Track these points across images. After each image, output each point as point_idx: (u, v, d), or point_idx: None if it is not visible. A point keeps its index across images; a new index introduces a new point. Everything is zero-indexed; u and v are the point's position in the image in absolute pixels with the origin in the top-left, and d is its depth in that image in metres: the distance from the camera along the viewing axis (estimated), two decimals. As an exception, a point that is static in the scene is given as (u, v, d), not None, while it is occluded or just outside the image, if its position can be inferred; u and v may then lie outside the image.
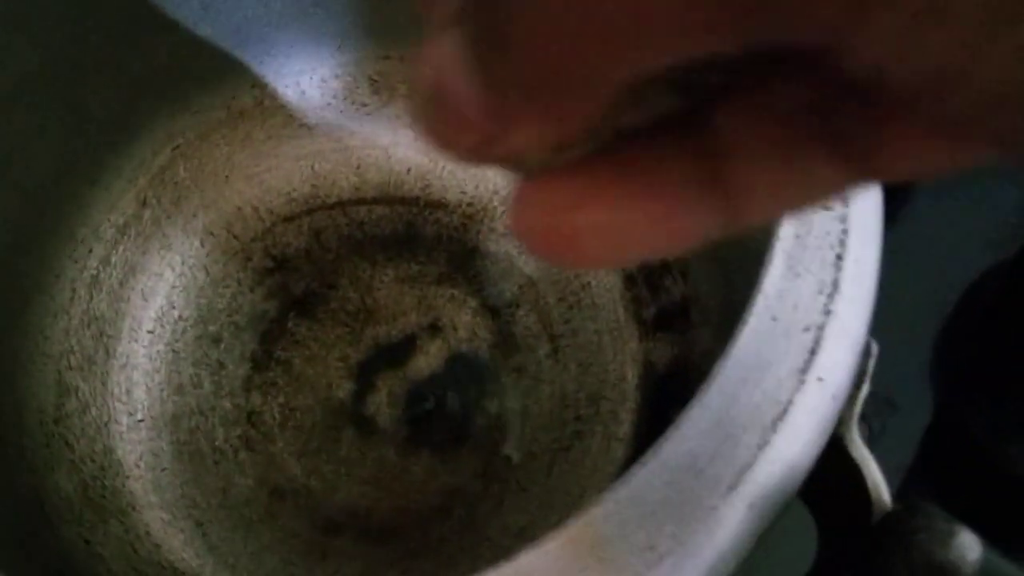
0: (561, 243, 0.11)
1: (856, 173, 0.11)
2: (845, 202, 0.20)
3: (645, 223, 0.11)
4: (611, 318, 0.35)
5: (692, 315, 0.34)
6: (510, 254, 0.36)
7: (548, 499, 0.33)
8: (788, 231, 0.20)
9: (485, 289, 0.36)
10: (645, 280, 0.35)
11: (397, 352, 0.35)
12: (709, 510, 0.17)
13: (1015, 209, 0.46)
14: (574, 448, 0.34)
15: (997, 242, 0.45)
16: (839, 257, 0.19)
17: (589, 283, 0.36)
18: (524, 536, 0.31)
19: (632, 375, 0.34)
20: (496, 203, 0.37)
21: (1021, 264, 0.44)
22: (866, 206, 0.20)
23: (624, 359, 0.34)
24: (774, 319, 0.19)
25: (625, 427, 0.34)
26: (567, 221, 0.11)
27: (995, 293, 0.45)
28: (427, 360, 0.35)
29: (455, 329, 0.36)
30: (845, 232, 0.20)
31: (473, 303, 0.36)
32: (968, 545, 0.15)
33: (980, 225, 0.46)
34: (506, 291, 0.36)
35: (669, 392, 0.34)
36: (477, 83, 0.10)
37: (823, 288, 0.19)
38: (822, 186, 0.11)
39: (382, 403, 0.34)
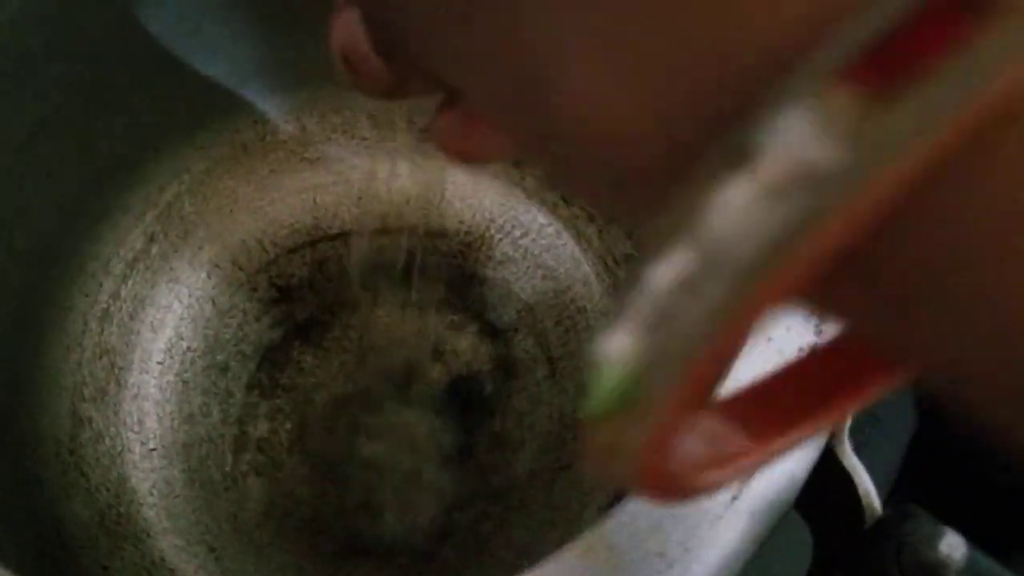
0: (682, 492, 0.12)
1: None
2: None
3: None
4: (607, 340, 0.36)
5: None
6: (507, 280, 0.38)
7: (550, 516, 0.34)
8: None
9: (484, 315, 0.37)
10: (638, 303, 0.36)
11: (400, 377, 0.36)
12: (714, 519, 0.19)
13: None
14: (574, 466, 0.35)
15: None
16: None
17: (585, 307, 0.37)
18: (528, 553, 0.32)
19: (628, 395, 0.35)
20: (493, 231, 0.38)
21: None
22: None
23: (620, 379, 0.36)
24: (769, 340, 0.20)
25: (623, 445, 0.35)
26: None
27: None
28: (429, 384, 0.36)
29: (456, 354, 0.37)
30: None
31: (473, 328, 0.37)
32: (954, 545, 0.17)
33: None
34: (504, 316, 0.37)
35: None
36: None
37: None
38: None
39: (386, 428, 0.36)
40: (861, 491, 0.20)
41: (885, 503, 0.20)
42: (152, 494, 0.34)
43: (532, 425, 0.36)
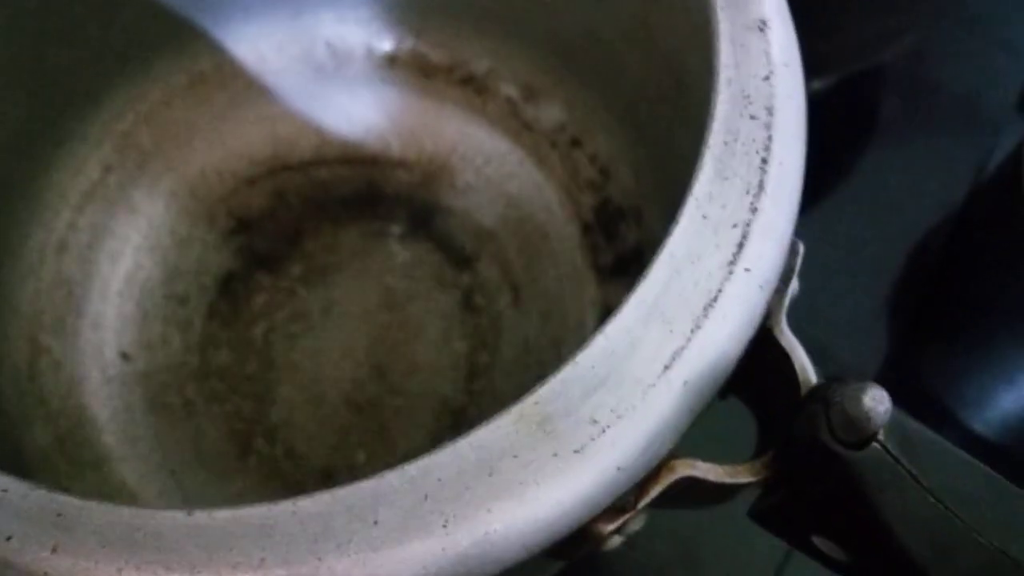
0: None
1: None
2: (770, 111, 0.21)
3: None
4: (570, 266, 0.36)
5: (647, 259, 0.35)
6: (470, 209, 0.38)
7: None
8: (717, 139, 0.21)
9: (447, 244, 0.37)
10: (601, 227, 0.36)
11: (362, 307, 0.36)
12: (647, 387, 0.18)
13: (967, 169, 0.48)
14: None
15: (948, 201, 0.47)
16: (764, 161, 0.21)
17: (548, 233, 0.37)
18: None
19: (591, 320, 0.35)
20: (454, 160, 0.38)
21: (966, 221, 0.46)
22: (789, 113, 0.21)
23: (583, 305, 0.36)
24: (704, 217, 0.20)
25: (584, 367, 0.35)
26: None
27: (942, 250, 0.46)
28: (393, 310, 0.36)
29: (417, 283, 0.37)
30: (770, 138, 0.21)
31: (435, 258, 0.37)
32: (878, 398, 0.17)
33: (932, 182, 0.47)
34: (467, 245, 0.37)
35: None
36: None
37: (750, 188, 0.20)
38: None
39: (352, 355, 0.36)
40: (797, 366, 0.20)
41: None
42: (112, 421, 0.33)
43: (496, 353, 0.36)
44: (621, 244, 0.36)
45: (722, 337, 0.19)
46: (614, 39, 0.33)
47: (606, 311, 0.36)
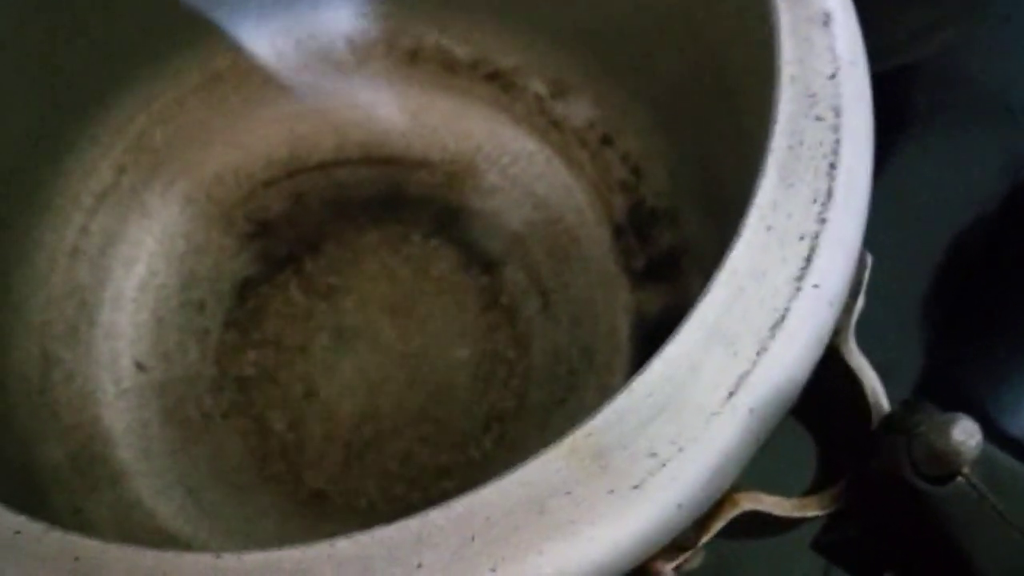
0: None
1: None
2: (837, 111, 0.20)
3: None
4: (601, 270, 0.35)
5: (683, 263, 0.34)
6: (496, 211, 0.36)
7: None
8: (780, 142, 0.19)
9: (472, 247, 0.36)
10: (634, 230, 0.35)
11: (384, 314, 0.35)
12: (709, 416, 0.17)
13: (1001, 167, 0.46)
14: (568, 401, 0.33)
15: (982, 200, 0.45)
16: (832, 166, 0.19)
17: (578, 236, 0.35)
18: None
19: (624, 326, 0.34)
20: (479, 160, 0.36)
21: (1004, 221, 0.44)
22: (858, 114, 0.20)
23: (616, 310, 0.34)
24: (769, 229, 0.19)
25: (619, 378, 0.33)
26: None
27: (978, 250, 0.45)
28: (417, 319, 0.35)
29: (441, 288, 0.35)
30: (838, 142, 0.19)
31: (460, 262, 0.36)
32: (968, 431, 0.15)
33: (964, 180, 0.46)
34: (493, 248, 0.36)
35: (662, 341, 0.33)
36: None
37: (817, 197, 0.19)
38: None
39: (372, 366, 0.34)
40: (868, 390, 0.19)
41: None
42: (127, 435, 0.32)
43: (525, 360, 0.34)
44: (655, 247, 0.34)
45: (789, 359, 0.18)
46: (648, 32, 0.32)
47: (639, 316, 0.34)
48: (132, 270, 0.34)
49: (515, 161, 0.36)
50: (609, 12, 0.33)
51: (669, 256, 0.34)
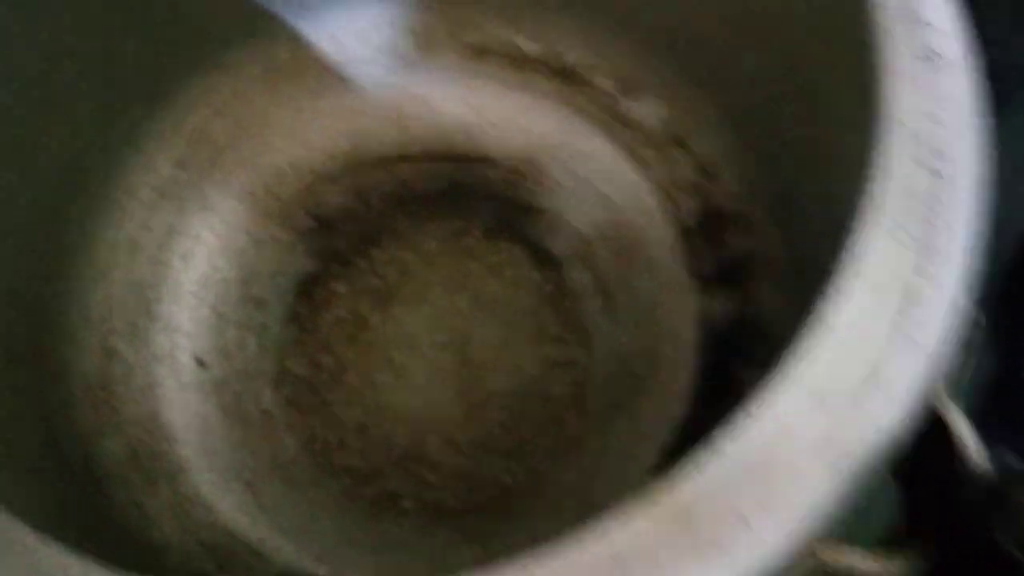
0: None
1: None
2: (944, 157, 0.18)
3: None
4: (667, 273, 0.34)
5: (754, 269, 0.33)
6: (560, 210, 0.35)
7: (606, 459, 0.32)
8: (881, 188, 0.18)
9: (535, 247, 0.35)
10: (703, 233, 0.34)
11: (445, 313, 0.34)
12: (799, 476, 0.16)
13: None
14: (630, 406, 0.33)
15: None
16: (936, 214, 0.18)
17: (644, 238, 0.34)
18: (587, 500, 0.30)
19: (689, 331, 0.33)
20: (544, 157, 0.36)
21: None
22: (966, 160, 0.19)
23: (682, 314, 0.33)
24: (865, 280, 0.18)
25: (683, 384, 0.33)
26: None
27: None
28: (477, 318, 0.34)
29: (503, 287, 0.35)
30: (943, 189, 0.18)
31: (522, 261, 0.35)
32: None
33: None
34: (557, 248, 0.35)
35: (728, 348, 0.33)
36: None
37: (919, 247, 0.18)
38: None
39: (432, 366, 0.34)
40: (963, 446, 0.18)
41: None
42: (186, 430, 0.32)
43: (587, 363, 0.33)
44: (725, 252, 0.33)
45: (885, 417, 0.17)
46: (726, 33, 0.31)
47: (706, 323, 0.33)
48: (192, 264, 0.34)
49: (581, 159, 0.35)
50: (688, 12, 0.32)
51: (738, 262, 0.33)
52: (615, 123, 0.35)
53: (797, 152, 0.30)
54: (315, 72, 0.35)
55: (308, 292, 0.34)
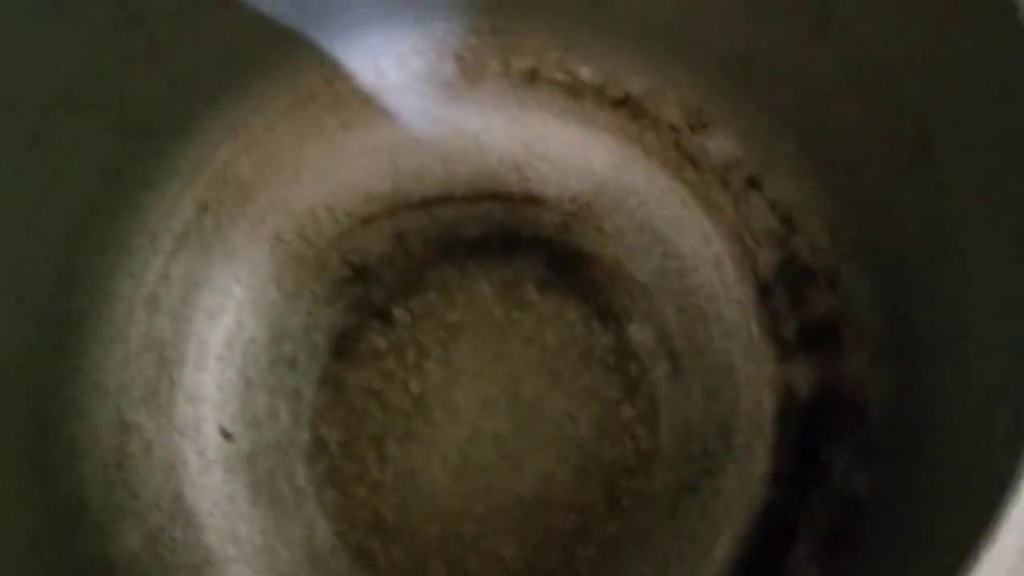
0: None
1: None
2: None
3: None
4: (743, 335, 0.30)
5: (843, 332, 0.29)
6: (620, 258, 0.32)
7: (676, 547, 0.29)
8: None
9: (592, 299, 0.32)
10: (784, 290, 0.30)
11: (493, 372, 0.31)
12: None
13: None
14: (701, 488, 0.30)
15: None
16: None
17: (715, 292, 0.31)
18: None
19: (769, 403, 0.30)
20: (603, 199, 0.32)
21: None
22: None
23: (759, 384, 0.30)
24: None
25: (763, 464, 0.29)
26: None
27: None
28: (528, 381, 0.31)
29: (557, 344, 0.31)
30: None
31: (578, 315, 0.31)
32: None
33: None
34: (616, 302, 0.31)
35: (813, 425, 0.29)
36: None
37: None
38: None
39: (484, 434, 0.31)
40: None
41: None
42: (212, 515, 0.29)
43: (652, 435, 0.30)
44: (809, 312, 0.30)
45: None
46: (825, 73, 0.27)
47: (788, 393, 0.30)
48: (217, 321, 0.31)
49: (644, 201, 0.32)
50: (773, 42, 0.28)
51: (825, 323, 0.30)
52: (683, 161, 0.32)
53: (899, 216, 0.26)
54: (351, 103, 0.32)
55: (344, 350, 0.31)
